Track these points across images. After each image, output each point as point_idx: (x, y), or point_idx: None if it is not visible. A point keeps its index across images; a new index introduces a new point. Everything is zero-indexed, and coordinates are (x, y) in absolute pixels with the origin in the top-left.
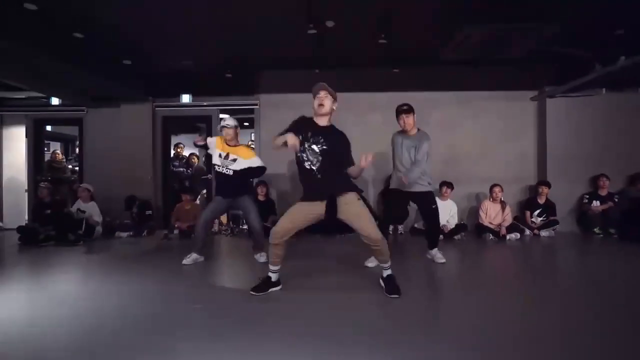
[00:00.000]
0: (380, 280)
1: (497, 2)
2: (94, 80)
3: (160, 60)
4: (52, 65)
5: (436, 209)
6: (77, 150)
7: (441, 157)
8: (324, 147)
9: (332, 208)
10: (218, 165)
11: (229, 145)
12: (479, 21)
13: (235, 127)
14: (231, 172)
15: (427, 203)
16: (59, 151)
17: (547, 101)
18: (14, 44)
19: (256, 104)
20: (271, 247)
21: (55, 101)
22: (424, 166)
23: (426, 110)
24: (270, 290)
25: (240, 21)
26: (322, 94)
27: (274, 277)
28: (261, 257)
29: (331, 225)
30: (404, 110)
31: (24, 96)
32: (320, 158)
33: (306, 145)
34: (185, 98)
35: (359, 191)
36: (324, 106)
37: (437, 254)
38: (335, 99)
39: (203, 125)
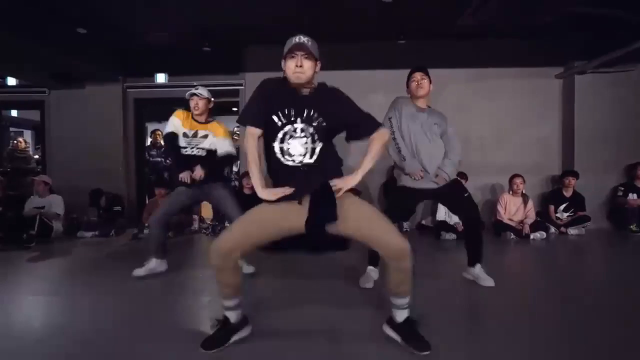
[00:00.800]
0: (388, 328)
1: None
2: (55, 58)
3: (127, 31)
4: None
5: (470, 198)
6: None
7: None
8: (323, 122)
9: (318, 210)
10: (184, 148)
11: (198, 122)
12: None
13: (209, 99)
14: (204, 153)
15: (456, 194)
16: (22, 139)
17: (576, 78)
18: None
19: (241, 84)
20: (215, 273)
21: (12, 81)
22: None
23: (434, 89)
24: (231, 339)
25: None
26: (300, 55)
27: (232, 317)
28: (248, 267)
29: (319, 239)
30: (421, 68)
31: None
32: (312, 146)
33: (287, 129)
34: (161, 78)
35: (356, 190)
36: (304, 72)
37: (481, 274)
38: (317, 60)
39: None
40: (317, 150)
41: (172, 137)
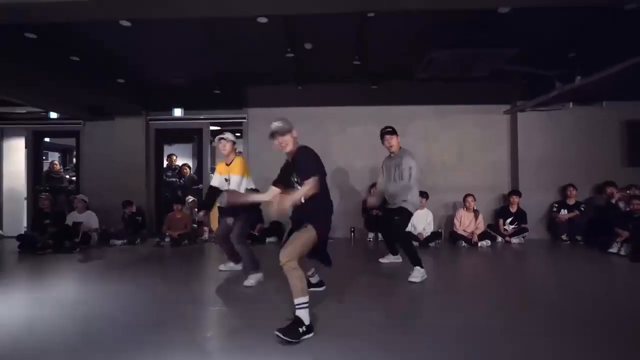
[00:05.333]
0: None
1: (460, 30)
2: (91, 97)
3: (153, 78)
4: (51, 85)
5: (398, 221)
6: (74, 160)
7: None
8: (297, 178)
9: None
10: (220, 189)
11: (227, 165)
12: (445, 46)
13: (233, 142)
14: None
15: (393, 214)
16: (57, 162)
17: (519, 114)
18: (18, 67)
19: (244, 118)
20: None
21: (53, 115)
22: (408, 183)
23: (403, 122)
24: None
25: (227, 42)
26: (279, 138)
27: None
28: (249, 279)
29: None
30: (387, 131)
31: (24, 111)
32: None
33: (294, 180)
34: (177, 112)
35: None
36: (287, 144)
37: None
38: (290, 131)
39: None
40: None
41: (213, 192)
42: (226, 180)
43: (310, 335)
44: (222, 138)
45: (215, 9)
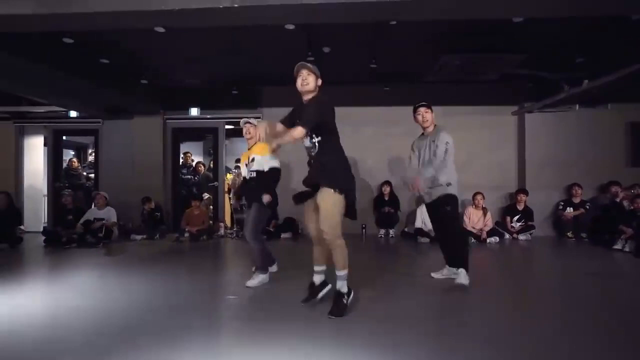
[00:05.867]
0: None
1: (470, 35)
2: (113, 97)
3: (174, 79)
4: (78, 85)
5: (451, 213)
6: (90, 157)
7: None
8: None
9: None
10: (246, 178)
11: (249, 149)
12: (455, 51)
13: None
14: (254, 174)
15: (440, 205)
16: (75, 159)
17: (526, 116)
18: (50, 68)
19: (259, 117)
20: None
21: (73, 113)
22: (443, 159)
23: (413, 122)
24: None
25: (250, 46)
26: (305, 72)
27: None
28: (253, 279)
29: None
30: (423, 105)
31: (43, 110)
32: (314, 140)
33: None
34: (194, 111)
35: (341, 188)
36: (309, 83)
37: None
38: (318, 77)
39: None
40: (317, 143)
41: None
42: (250, 162)
43: (351, 296)
44: (248, 122)
45: (251, 18)
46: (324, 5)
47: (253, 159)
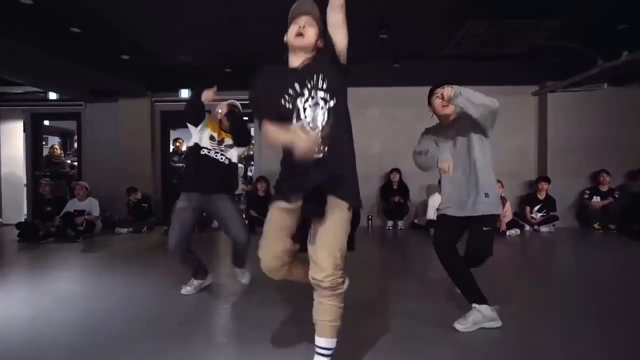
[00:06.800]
0: None
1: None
2: (92, 75)
3: (159, 56)
4: (50, 61)
5: (491, 235)
6: (75, 145)
7: None
8: (327, 92)
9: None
10: (206, 149)
11: (224, 131)
12: (480, 17)
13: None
14: (226, 161)
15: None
16: (57, 146)
17: (548, 96)
18: (12, 40)
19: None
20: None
21: (52, 95)
22: (489, 158)
23: (424, 104)
24: None
25: (244, 17)
26: (304, 19)
27: None
28: (244, 277)
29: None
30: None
31: (21, 91)
32: (324, 117)
33: (300, 106)
34: (184, 93)
35: (358, 203)
36: (304, 36)
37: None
38: (320, 32)
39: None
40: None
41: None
42: (222, 144)
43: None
44: (230, 103)
45: None
46: None
47: (232, 146)
